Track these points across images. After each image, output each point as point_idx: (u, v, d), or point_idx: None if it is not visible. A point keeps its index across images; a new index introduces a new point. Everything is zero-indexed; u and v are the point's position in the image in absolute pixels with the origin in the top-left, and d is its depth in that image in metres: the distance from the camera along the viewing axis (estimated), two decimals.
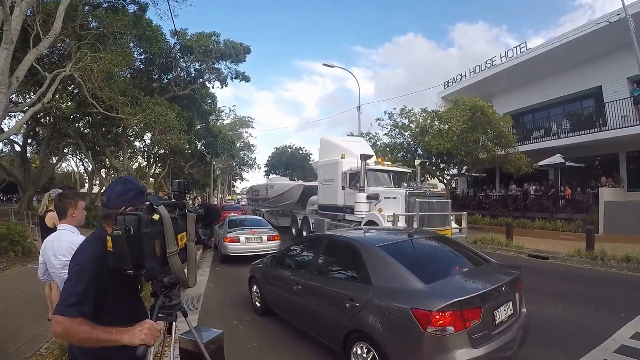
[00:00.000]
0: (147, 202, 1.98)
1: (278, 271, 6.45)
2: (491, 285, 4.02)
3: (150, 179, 33.28)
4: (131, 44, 21.17)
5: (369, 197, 12.91)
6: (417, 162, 17.34)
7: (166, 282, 2.06)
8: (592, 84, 20.72)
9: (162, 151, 30.98)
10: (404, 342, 3.78)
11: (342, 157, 14.29)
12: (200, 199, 43.66)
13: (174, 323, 2.12)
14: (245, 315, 7.29)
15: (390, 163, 16.35)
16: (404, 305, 3.81)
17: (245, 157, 69.66)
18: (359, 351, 4.24)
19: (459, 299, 3.61)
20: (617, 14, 15.62)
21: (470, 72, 26.36)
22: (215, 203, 38.50)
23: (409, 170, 15.83)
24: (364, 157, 12.88)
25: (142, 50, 22.72)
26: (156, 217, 1.92)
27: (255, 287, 7.26)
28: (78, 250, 2.10)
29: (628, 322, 6.20)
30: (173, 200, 2.33)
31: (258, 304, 7.11)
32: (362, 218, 12.95)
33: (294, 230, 19.19)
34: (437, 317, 3.53)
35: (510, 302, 4.20)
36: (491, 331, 3.82)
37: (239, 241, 12.36)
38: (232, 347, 5.38)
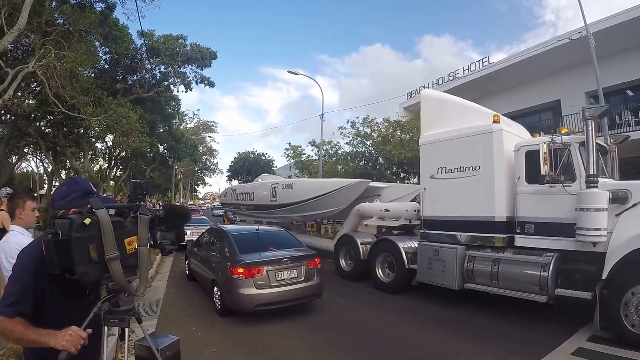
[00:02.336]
0: (89, 205, 2.04)
1: (194, 249, 10.57)
2: (276, 258, 7.84)
3: (111, 181, 33.26)
4: (97, 43, 21.11)
5: (615, 199, 6.51)
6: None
7: (110, 288, 2.11)
8: (551, 98, 22.51)
9: (123, 154, 31.02)
10: (225, 282, 7.68)
11: (495, 121, 8.11)
12: (160, 204, 43.78)
13: (126, 329, 2.18)
14: (205, 321, 7.48)
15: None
16: (227, 263, 7.75)
17: (208, 162, 70.08)
18: (215, 289, 8.20)
19: (248, 262, 7.52)
20: (579, 32, 16.84)
21: (433, 84, 27.67)
22: None
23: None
24: (594, 115, 7.08)
25: (107, 50, 22.73)
26: (87, 221, 1.93)
27: (186, 261, 11.57)
28: (22, 252, 2.18)
29: (585, 325, 6.75)
30: (127, 203, 2.36)
31: (187, 272, 11.47)
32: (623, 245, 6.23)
33: (343, 262, 12.03)
34: (237, 270, 7.39)
35: (295, 270, 7.83)
36: (271, 282, 7.49)
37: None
38: (190, 353, 5.31)
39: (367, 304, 9.06)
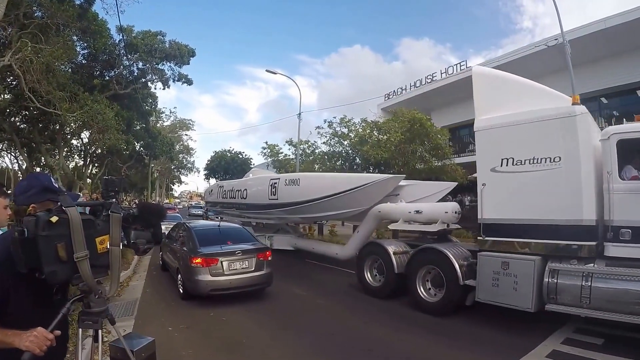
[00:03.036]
0: (49, 200, 2.06)
1: (166, 242, 11.82)
2: (229, 250, 9.22)
3: (88, 179, 32.97)
4: (74, 37, 21.06)
5: None
6: None
7: (80, 288, 2.09)
8: None
9: (99, 151, 30.94)
10: (186, 270, 9.16)
11: (575, 102, 7.04)
12: (136, 202, 43.33)
13: (99, 331, 2.17)
14: (182, 322, 7.53)
15: None
16: (189, 254, 9.21)
17: (184, 160, 70.02)
18: (179, 276, 9.71)
19: (205, 253, 8.97)
20: (555, 39, 17.50)
21: (411, 86, 28.74)
22: None
23: None
24: None
25: (85, 44, 22.72)
26: (54, 219, 1.91)
27: (160, 253, 13.05)
28: None
29: (560, 328, 7.04)
30: (99, 201, 2.34)
31: (161, 263, 13.10)
32: None
33: (369, 276, 10.32)
34: (195, 260, 8.81)
35: (247, 261, 9.19)
36: (225, 271, 8.88)
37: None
38: (166, 355, 5.46)
39: (349, 308, 9.11)
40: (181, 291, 9.47)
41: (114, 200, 2.28)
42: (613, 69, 20.70)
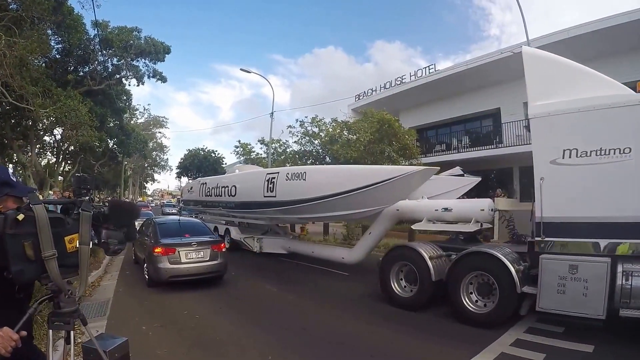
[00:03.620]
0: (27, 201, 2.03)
1: (137, 236, 11.40)
2: (186, 241, 10.60)
3: (60, 177, 32.74)
4: (49, 31, 20.79)
5: None
6: None
7: (49, 288, 2.08)
8: (492, 106, 24.84)
9: (72, 148, 30.37)
10: (149, 259, 10.42)
11: None
12: (109, 200, 43.26)
13: (71, 332, 2.15)
14: (156, 321, 7.53)
15: None
16: (150, 244, 10.69)
17: (158, 158, 70.15)
18: (145, 265, 10.86)
19: (164, 243, 10.34)
20: (521, 46, 18.44)
21: (380, 88, 29.76)
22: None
23: None
24: None
25: (60, 39, 22.45)
26: (20, 217, 1.89)
27: (133, 247, 13.98)
28: None
29: (522, 319, 7.39)
30: (70, 198, 2.32)
31: (134, 257, 13.96)
32: None
33: (396, 285, 9.02)
34: (156, 249, 10.20)
35: (202, 252, 10.49)
36: (182, 260, 10.18)
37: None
38: (141, 354, 5.45)
39: (310, 300, 9.57)
40: (147, 278, 10.77)
41: (86, 198, 2.28)
42: None
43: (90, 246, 2.17)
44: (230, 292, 10.28)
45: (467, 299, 7.64)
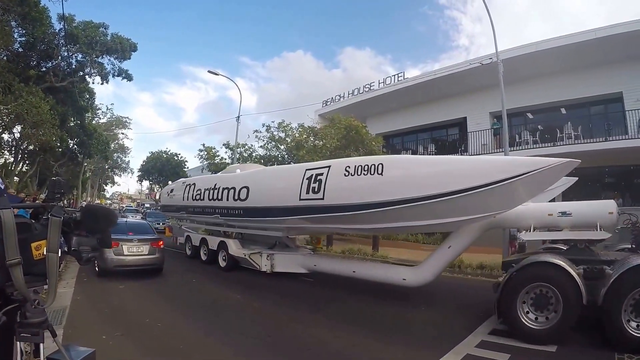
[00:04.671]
0: None
1: None
2: (128, 238, 12.47)
3: (15, 177, 31.70)
4: (13, 23, 20.77)
5: None
6: None
7: (15, 297, 2.02)
8: (458, 115, 26.35)
9: (31, 147, 29.66)
10: (99, 253, 9.84)
11: None
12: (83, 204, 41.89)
13: (41, 345, 2.09)
14: (116, 329, 7.38)
15: None
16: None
17: (119, 160, 69.69)
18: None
19: (112, 238, 10.72)
20: (490, 58, 19.25)
21: (348, 94, 30.85)
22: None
23: None
24: None
25: (24, 31, 22.30)
26: None
27: None
28: None
29: (486, 320, 7.89)
30: (39, 202, 2.28)
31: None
32: None
33: (523, 314, 7.14)
34: None
35: (142, 247, 12.67)
36: (124, 252, 12.35)
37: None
38: None
39: (276, 305, 9.81)
40: (97, 269, 12.74)
41: (58, 202, 2.21)
42: (541, 88, 23.34)
43: (59, 254, 2.10)
44: (193, 300, 10.43)
45: (630, 324, 6.44)
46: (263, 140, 26.21)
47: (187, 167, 57.41)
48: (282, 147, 25.20)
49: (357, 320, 8.44)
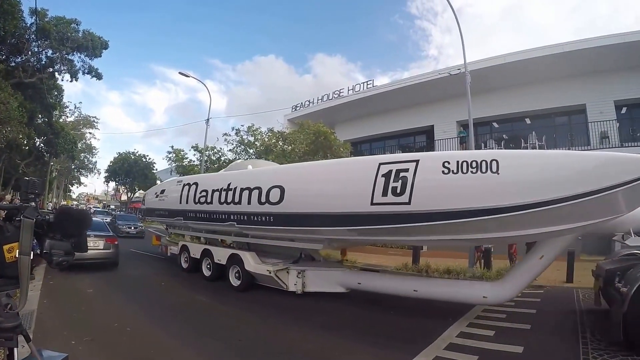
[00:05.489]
0: None
1: None
2: (90, 232, 10.84)
3: None
4: None
5: None
6: None
7: None
8: (426, 123, 27.92)
9: None
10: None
11: None
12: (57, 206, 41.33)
13: (15, 349, 2.08)
14: (85, 334, 7.30)
15: None
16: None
17: (86, 160, 69.21)
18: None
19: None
20: (458, 69, 20.04)
21: (318, 100, 32.09)
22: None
23: None
24: None
25: None
26: None
27: None
28: None
29: (454, 324, 8.17)
30: (13, 204, 2.28)
31: None
32: None
33: None
34: None
35: (98, 242, 13.95)
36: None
37: None
38: None
39: (248, 310, 9.73)
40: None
41: (32, 203, 2.21)
42: (507, 99, 24.88)
43: (32, 257, 2.11)
44: (162, 304, 10.31)
45: None
46: (232, 144, 26.87)
47: (156, 169, 57.64)
48: (251, 151, 25.82)
49: (327, 324, 8.59)
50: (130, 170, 57.09)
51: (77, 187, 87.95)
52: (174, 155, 34.45)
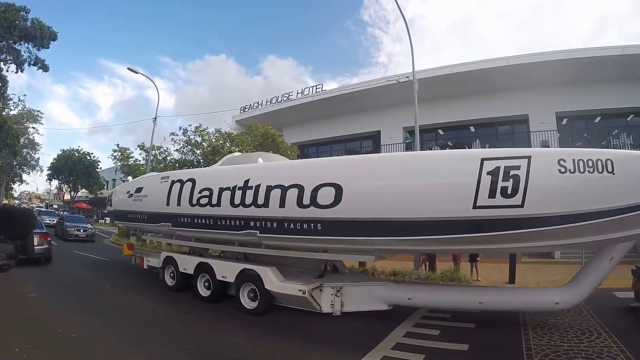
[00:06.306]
0: None
1: None
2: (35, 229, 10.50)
3: None
4: None
5: None
6: None
7: None
8: (373, 128, 29.28)
9: None
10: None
11: None
12: None
13: None
14: (29, 341, 7.01)
15: None
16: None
17: (28, 157, 67.73)
18: None
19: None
20: (407, 77, 20.78)
21: (267, 102, 32.90)
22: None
23: None
24: None
25: None
26: None
27: None
28: None
29: (401, 324, 8.48)
30: None
31: None
32: None
33: None
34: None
35: (35, 239, 11.32)
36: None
37: None
38: None
39: (191, 313, 9.83)
40: None
41: None
42: (453, 107, 26.37)
43: None
44: (108, 309, 10.11)
45: None
46: (179, 144, 26.91)
47: (100, 168, 57.12)
48: (198, 151, 26.02)
49: (275, 328, 8.69)
50: (74, 168, 55.90)
51: (19, 185, 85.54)
52: (120, 154, 33.82)
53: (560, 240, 7.50)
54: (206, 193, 10.92)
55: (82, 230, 27.27)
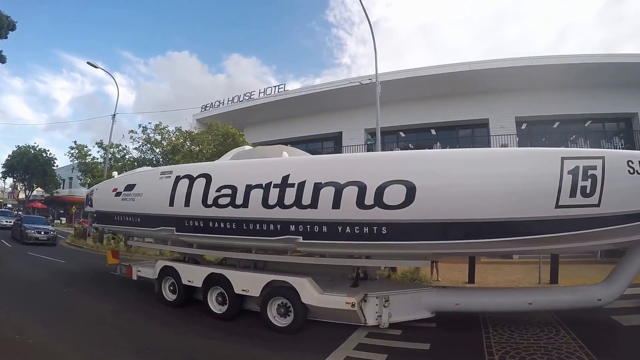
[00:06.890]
0: None
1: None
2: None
3: None
4: None
5: None
6: None
7: None
8: (334, 129, 29.67)
9: None
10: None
11: None
12: None
13: None
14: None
15: None
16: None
17: None
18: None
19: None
20: (369, 79, 21.57)
21: (228, 101, 33.04)
22: None
23: None
24: None
25: None
26: None
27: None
28: None
29: (361, 325, 8.49)
30: None
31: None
32: None
33: None
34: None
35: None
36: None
37: None
38: None
39: (150, 316, 9.82)
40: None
41: None
42: (414, 110, 26.98)
43: None
44: (66, 313, 9.92)
45: None
46: (138, 142, 26.57)
47: (57, 166, 56.09)
48: (157, 150, 25.91)
49: (235, 331, 8.73)
50: (29, 166, 54.65)
51: None
52: (77, 151, 33.37)
53: (629, 237, 7.65)
54: (227, 191, 9.43)
55: (42, 233, 26.16)
